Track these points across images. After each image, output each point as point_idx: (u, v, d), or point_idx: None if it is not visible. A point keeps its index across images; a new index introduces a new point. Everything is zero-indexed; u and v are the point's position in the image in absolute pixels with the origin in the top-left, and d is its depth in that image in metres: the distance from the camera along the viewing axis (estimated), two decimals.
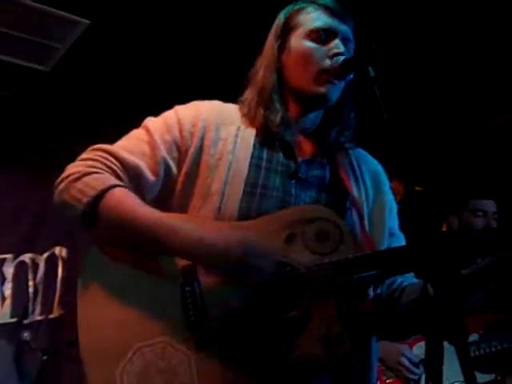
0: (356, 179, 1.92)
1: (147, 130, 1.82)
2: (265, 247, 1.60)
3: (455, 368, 1.80)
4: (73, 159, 1.76)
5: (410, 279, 1.87)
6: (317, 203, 1.81)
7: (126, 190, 1.68)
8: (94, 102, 4.93)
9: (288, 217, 1.70)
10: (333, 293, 1.61)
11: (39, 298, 4.71)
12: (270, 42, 1.95)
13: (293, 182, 1.82)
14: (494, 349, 3.46)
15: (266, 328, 1.58)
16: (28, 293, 4.67)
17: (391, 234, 1.92)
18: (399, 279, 1.87)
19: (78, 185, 1.64)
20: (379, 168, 2.03)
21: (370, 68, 1.67)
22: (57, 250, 4.83)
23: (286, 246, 1.66)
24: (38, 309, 4.68)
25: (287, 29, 1.92)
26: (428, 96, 4.90)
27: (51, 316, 4.68)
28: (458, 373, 2.14)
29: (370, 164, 2.01)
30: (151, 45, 4.42)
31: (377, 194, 1.94)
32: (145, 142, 1.79)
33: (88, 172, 1.66)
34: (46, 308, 4.69)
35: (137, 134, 1.84)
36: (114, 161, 1.72)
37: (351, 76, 1.85)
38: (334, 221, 1.69)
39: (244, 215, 1.72)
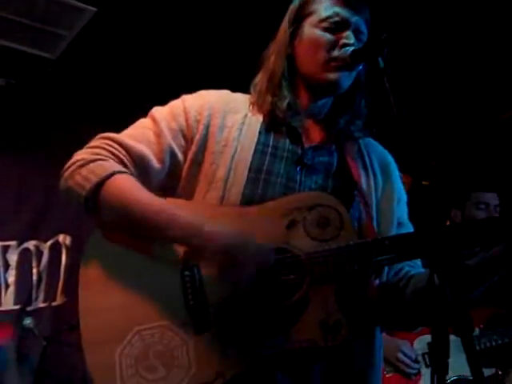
0: (365, 167, 1.91)
1: (153, 119, 1.83)
2: (261, 247, 1.60)
3: (460, 361, 1.80)
4: (77, 146, 1.78)
5: (417, 268, 1.87)
6: (322, 190, 1.80)
7: (129, 176, 1.70)
8: (100, 90, 4.93)
9: (290, 203, 1.70)
10: (333, 279, 1.61)
11: (43, 286, 4.73)
12: (284, 27, 1.94)
13: (298, 168, 1.82)
14: (494, 343, 3.47)
15: (264, 314, 1.59)
16: (32, 280, 4.70)
17: (400, 224, 1.91)
18: (406, 267, 1.86)
19: (83, 171, 1.66)
20: (389, 158, 2.01)
21: (380, 59, 1.65)
22: (61, 237, 4.85)
23: (287, 232, 1.66)
24: (42, 296, 4.71)
25: (300, 15, 1.91)
26: (436, 90, 4.89)
27: (54, 303, 4.71)
28: (462, 366, 2.15)
29: (380, 153, 2.00)
30: (158, 32, 4.40)
31: (386, 183, 1.93)
32: (151, 130, 1.81)
33: (93, 159, 1.69)
34: (50, 295, 4.71)
35: (143, 123, 1.85)
36: (119, 148, 1.74)
37: (360, 67, 1.84)
38: (336, 207, 1.69)
39: (248, 201, 1.73)
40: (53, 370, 4.25)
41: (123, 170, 1.70)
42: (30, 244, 4.76)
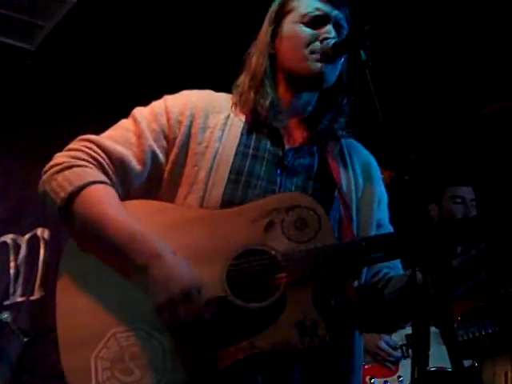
0: (346, 168, 1.91)
1: (134, 120, 1.82)
2: (191, 283, 1.57)
3: (438, 353, 1.81)
4: (56, 140, 1.77)
5: (396, 270, 1.87)
6: (303, 191, 1.80)
7: (104, 186, 1.70)
8: (80, 82, 4.88)
9: (268, 205, 1.69)
10: (309, 280, 1.60)
11: (20, 280, 4.67)
12: (265, 27, 1.95)
13: (278, 170, 1.82)
14: (471, 335, 3.52)
15: (240, 316, 1.57)
16: (9, 274, 4.64)
17: (379, 226, 1.91)
18: (385, 269, 1.86)
19: (59, 177, 1.67)
20: (371, 159, 2.02)
21: (362, 51, 1.65)
22: (39, 231, 4.79)
23: (265, 233, 1.65)
24: (19, 290, 4.65)
25: (280, 14, 1.92)
26: (415, 85, 4.90)
27: (32, 298, 4.65)
28: (440, 358, 2.16)
29: (362, 154, 2.00)
30: (139, 24, 4.37)
31: (366, 185, 1.93)
32: (131, 131, 1.80)
33: (70, 165, 1.69)
34: (28, 289, 4.65)
35: (124, 123, 1.84)
36: (99, 151, 1.73)
37: (342, 59, 1.84)
38: (314, 208, 1.68)
39: (228, 203, 1.72)
40: (32, 366, 4.20)
41: (98, 179, 1.69)
42: (8, 237, 4.70)
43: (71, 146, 1.76)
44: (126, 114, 1.88)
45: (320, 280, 1.61)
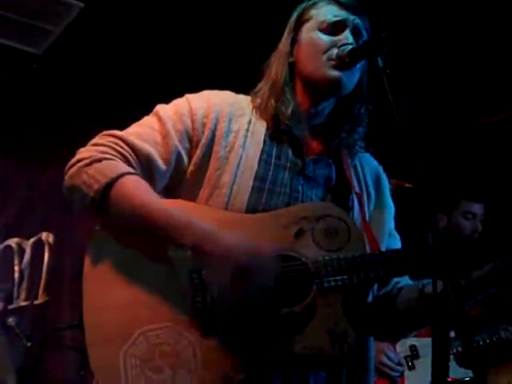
0: (358, 179, 1.93)
1: (159, 118, 1.80)
2: (270, 261, 1.58)
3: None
4: (61, 145, 1.74)
5: (405, 280, 1.89)
6: (322, 201, 1.82)
7: (138, 177, 1.67)
8: (86, 86, 4.88)
9: (298, 212, 1.70)
10: (340, 289, 1.61)
11: (24, 284, 4.68)
12: (284, 36, 1.96)
13: (300, 179, 1.82)
14: (475, 344, 3.49)
15: (271, 320, 1.58)
16: (13, 278, 4.64)
17: (389, 235, 1.94)
18: (395, 279, 1.88)
19: (90, 170, 1.63)
20: (381, 170, 2.03)
21: (379, 58, 1.64)
22: (43, 235, 4.79)
23: (295, 240, 1.66)
24: (23, 294, 4.65)
25: (299, 23, 1.92)
26: (422, 95, 4.91)
27: (36, 302, 4.65)
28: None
29: (372, 166, 2.02)
30: (146, 28, 4.38)
31: (378, 195, 1.95)
32: (157, 130, 1.78)
33: (100, 158, 1.65)
34: (32, 294, 4.66)
35: (148, 121, 1.82)
36: (125, 147, 1.71)
37: (358, 66, 1.83)
38: (344, 219, 1.70)
39: (252, 210, 1.72)
40: (36, 370, 4.20)
41: (132, 171, 1.67)
42: (12, 241, 4.71)
43: (97, 140, 1.73)
44: (132, 117, 1.87)
45: (349, 289, 1.62)
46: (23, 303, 4.64)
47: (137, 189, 1.64)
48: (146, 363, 1.55)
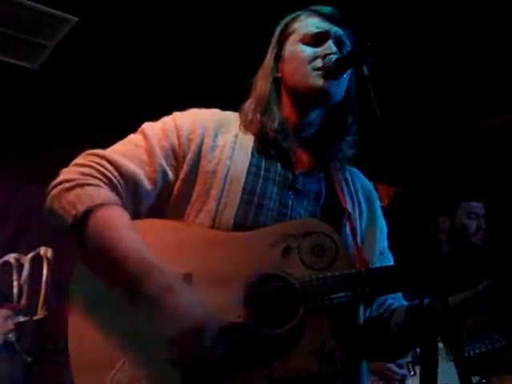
0: (350, 195, 1.91)
1: (144, 136, 1.78)
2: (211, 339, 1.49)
3: (446, 369, 1.79)
4: (59, 158, 1.72)
5: (399, 301, 1.87)
6: (312, 216, 1.79)
7: (116, 208, 1.63)
8: (82, 101, 4.88)
9: (285, 230, 1.67)
10: (327, 309, 1.59)
11: (23, 299, 4.66)
12: (268, 53, 1.96)
13: (290, 193, 1.80)
14: (477, 351, 3.47)
15: (257, 343, 1.55)
16: (12, 293, 4.62)
17: (381, 253, 1.91)
18: (389, 300, 1.86)
19: (70, 196, 1.60)
20: (371, 187, 2.03)
21: (365, 66, 1.64)
22: (42, 250, 4.78)
23: (282, 259, 1.63)
24: (22, 310, 4.63)
25: (282, 38, 1.93)
26: (414, 99, 4.92)
27: (35, 317, 4.64)
28: (448, 374, 2.13)
29: (364, 183, 2.01)
30: (140, 43, 4.39)
31: (369, 212, 1.93)
32: (142, 147, 1.76)
33: (82, 183, 1.62)
34: (31, 309, 4.64)
35: (134, 139, 1.80)
36: (111, 169, 1.68)
37: (344, 75, 1.83)
38: (331, 235, 1.67)
39: (240, 224, 1.70)
40: None
41: (110, 201, 1.63)
42: (11, 257, 4.69)
43: (80, 161, 1.70)
44: (126, 132, 1.85)
45: (337, 308, 1.60)
46: (22, 319, 4.62)
47: (110, 223, 1.60)
48: None
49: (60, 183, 1.63)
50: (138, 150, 1.75)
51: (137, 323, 1.57)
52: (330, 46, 1.83)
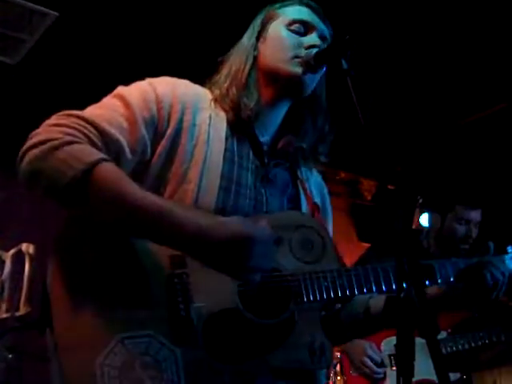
0: (309, 190, 1.93)
1: (125, 103, 1.67)
2: (268, 247, 1.51)
3: (422, 364, 1.80)
4: None
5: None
6: (280, 206, 1.80)
7: (116, 167, 1.51)
8: (61, 97, 4.84)
9: (275, 221, 1.67)
10: (317, 303, 1.63)
11: (5, 296, 4.64)
12: (249, 31, 1.94)
13: (263, 182, 1.81)
14: (460, 347, 3.48)
15: (251, 331, 1.56)
16: None
17: None
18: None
19: (60, 154, 1.44)
20: (322, 182, 2.05)
21: (343, 60, 1.64)
22: (24, 246, 4.76)
23: (276, 249, 1.64)
24: (4, 306, 4.61)
25: (266, 20, 1.92)
26: (397, 93, 4.94)
27: (17, 314, 4.62)
28: (425, 369, 2.15)
29: (314, 175, 2.02)
30: (121, 36, 4.37)
31: (323, 205, 1.97)
32: (123, 115, 1.64)
33: (69, 141, 1.47)
34: (13, 305, 4.62)
35: (112, 104, 1.67)
36: (93, 131, 1.54)
37: (323, 69, 1.83)
38: (319, 231, 1.71)
39: (220, 210, 1.66)
40: (17, 382, 4.16)
41: (107, 157, 1.50)
42: None
43: (58, 121, 1.54)
44: None
45: (326, 302, 1.65)
46: (4, 315, 4.60)
47: (119, 178, 1.48)
48: (125, 374, 1.44)
49: (40, 143, 1.48)
50: (119, 117, 1.63)
51: (132, 301, 1.50)
52: (314, 38, 1.83)
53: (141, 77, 1.81)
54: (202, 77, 1.91)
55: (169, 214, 1.45)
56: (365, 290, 1.69)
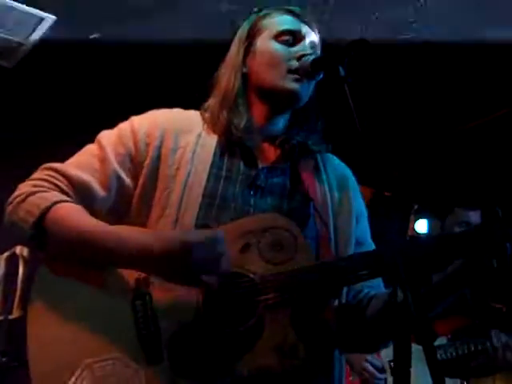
0: (321, 183, 1.87)
1: (99, 145, 1.78)
2: (210, 248, 1.52)
3: (423, 372, 1.80)
4: (35, 157, 1.74)
5: (377, 288, 1.83)
6: (278, 211, 1.76)
7: (72, 204, 1.65)
8: (58, 100, 4.85)
9: (243, 227, 1.66)
10: (288, 303, 1.57)
11: None
12: (235, 47, 1.92)
13: (252, 191, 1.78)
14: (460, 353, 3.46)
15: (217, 341, 1.54)
16: None
17: (359, 243, 1.87)
18: (366, 289, 1.82)
19: (25, 206, 1.62)
20: (347, 172, 1.98)
21: (340, 67, 1.64)
22: (18, 249, 4.74)
23: (241, 256, 1.62)
24: None
25: (252, 33, 1.90)
26: (395, 99, 4.94)
27: (11, 316, 4.60)
28: (421, 376, 2.14)
29: (338, 167, 1.97)
30: (118, 42, 4.35)
31: (343, 199, 1.89)
32: (95, 156, 1.76)
33: (33, 191, 1.64)
34: (6, 308, 4.60)
35: (89, 149, 1.80)
36: (61, 178, 1.69)
37: (320, 76, 1.83)
38: (290, 229, 1.65)
39: (201, 227, 1.67)
40: None
41: (65, 198, 1.65)
42: None
43: (34, 175, 1.72)
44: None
45: (298, 302, 1.59)
46: None
47: (71, 214, 1.62)
48: None
49: (14, 198, 1.65)
50: (92, 159, 1.75)
51: (98, 327, 1.56)
52: (305, 46, 1.83)
53: (138, 79, 1.84)
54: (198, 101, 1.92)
55: (115, 236, 1.56)
56: (335, 284, 1.64)
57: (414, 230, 3.87)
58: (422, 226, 3.83)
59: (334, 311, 1.74)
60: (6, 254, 4.71)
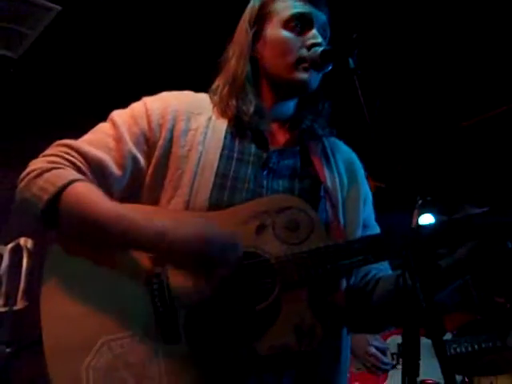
0: (330, 167, 1.88)
1: (113, 124, 1.77)
2: (226, 236, 1.54)
3: (430, 365, 1.79)
4: (39, 148, 1.72)
5: (384, 270, 1.84)
6: (289, 193, 1.77)
7: (88, 183, 1.63)
8: (63, 91, 4.85)
9: (257, 207, 1.66)
10: (304, 283, 1.57)
11: (3, 290, 4.63)
12: (244, 29, 1.90)
13: (264, 172, 1.78)
14: (464, 350, 3.46)
15: (235, 320, 1.54)
16: None
17: (365, 226, 1.88)
18: (373, 270, 1.83)
19: (39, 182, 1.59)
20: (353, 156, 1.99)
21: (350, 59, 1.64)
22: (22, 240, 4.75)
23: (257, 236, 1.62)
24: (2, 300, 4.61)
25: (262, 16, 1.88)
26: (400, 95, 4.93)
27: (15, 308, 4.61)
28: (428, 370, 2.14)
29: (345, 152, 1.98)
30: (122, 31, 4.36)
31: (351, 183, 1.90)
32: (110, 135, 1.74)
33: (49, 168, 1.61)
34: (10, 300, 4.61)
35: (102, 127, 1.79)
36: (76, 155, 1.67)
37: (330, 67, 1.83)
38: (305, 209, 1.65)
39: (214, 208, 1.67)
40: (15, 376, 4.16)
41: (81, 177, 1.63)
42: None
43: (47, 151, 1.69)
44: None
45: (314, 282, 1.59)
46: (2, 309, 4.60)
47: (87, 194, 1.59)
48: (110, 375, 1.49)
49: (28, 174, 1.62)
50: (107, 138, 1.74)
51: (114, 303, 1.56)
52: (315, 35, 1.82)
53: (142, 69, 1.84)
54: (206, 81, 1.91)
55: (129, 218, 1.55)
56: (347, 263, 1.61)
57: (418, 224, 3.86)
58: (426, 220, 3.81)
59: (343, 292, 1.74)
60: (10, 246, 4.73)
